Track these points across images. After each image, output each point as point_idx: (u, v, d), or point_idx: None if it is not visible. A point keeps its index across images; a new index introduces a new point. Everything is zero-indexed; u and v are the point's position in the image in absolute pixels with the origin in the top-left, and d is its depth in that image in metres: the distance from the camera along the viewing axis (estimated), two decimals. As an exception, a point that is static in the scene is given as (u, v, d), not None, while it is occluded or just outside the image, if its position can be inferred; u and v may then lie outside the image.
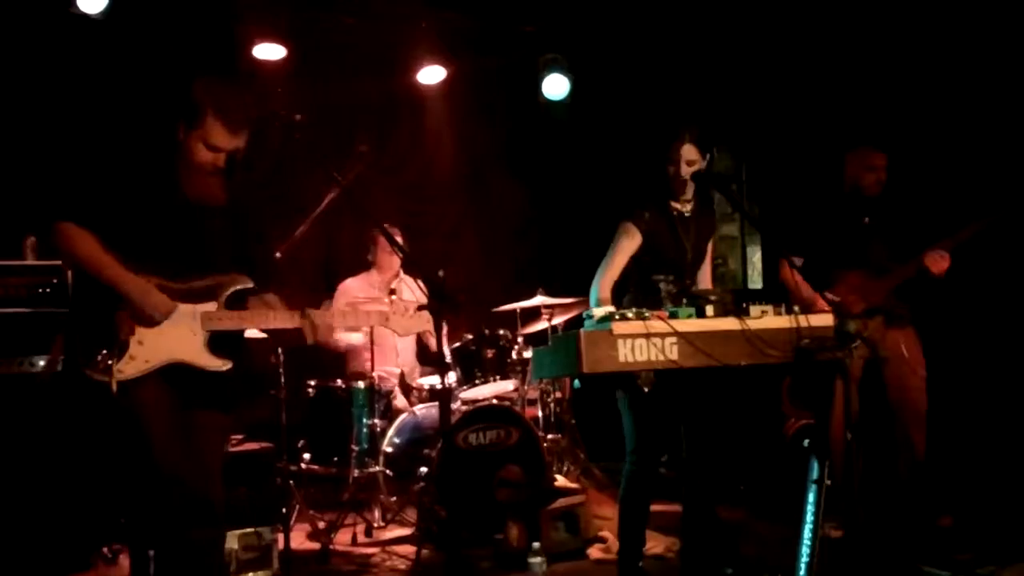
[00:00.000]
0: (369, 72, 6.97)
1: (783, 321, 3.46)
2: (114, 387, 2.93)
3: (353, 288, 5.86)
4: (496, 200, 7.70)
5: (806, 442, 5.24)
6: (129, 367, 2.97)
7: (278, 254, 3.96)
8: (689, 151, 3.96)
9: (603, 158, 7.29)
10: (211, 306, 3.09)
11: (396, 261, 5.83)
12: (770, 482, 5.89)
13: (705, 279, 4.23)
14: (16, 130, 5.60)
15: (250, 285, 3.15)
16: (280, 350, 5.05)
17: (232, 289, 3.13)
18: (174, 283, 3.07)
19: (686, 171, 3.95)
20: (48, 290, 4.54)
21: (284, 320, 3.16)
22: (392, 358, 5.92)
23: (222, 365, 3.08)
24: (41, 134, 5.66)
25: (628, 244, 3.99)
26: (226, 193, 3.17)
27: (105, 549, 4.65)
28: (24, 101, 5.61)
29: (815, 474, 3.48)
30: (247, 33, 6.09)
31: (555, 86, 7.06)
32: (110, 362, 2.93)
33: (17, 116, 5.60)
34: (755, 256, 7.54)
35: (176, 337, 3.03)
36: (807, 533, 3.44)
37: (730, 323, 3.42)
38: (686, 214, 4.09)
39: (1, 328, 4.45)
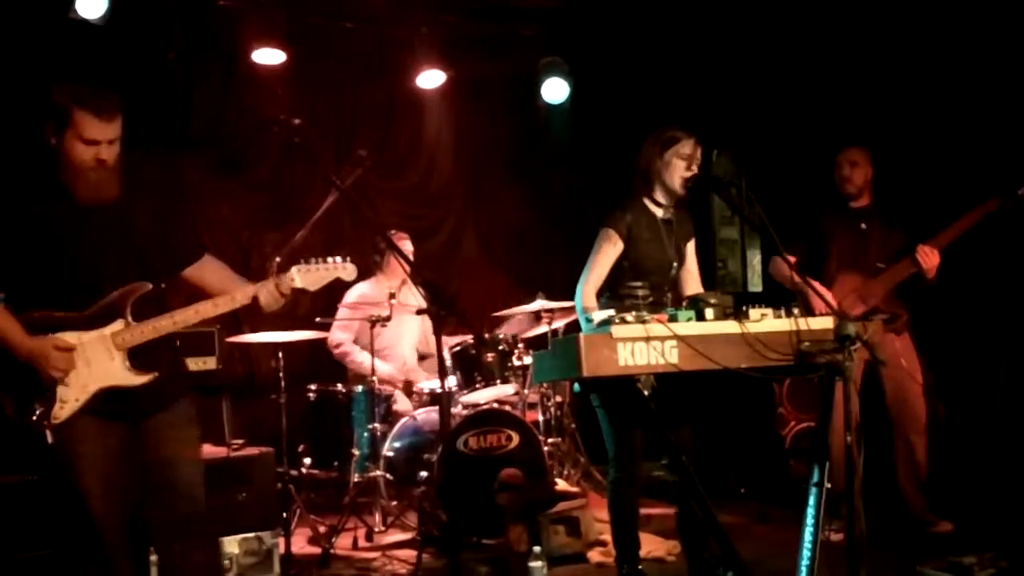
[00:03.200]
0: (369, 77, 6.98)
1: (783, 324, 3.47)
2: (50, 438, 2.95)
3: (369, 294, 5.84)
4: (496, 204, 7.70)
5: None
6: (63, 411, 2.98)
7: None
8: (698, 153, 3.96)
9: (603, 162, 7.29)
10: (118, 325, 3.06)
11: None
12: (770, 485, 5.90)
13: (693, 282, 4.21)
14: (11, 135, 5.59)
15: (148, 288, 3.10)
16: (280, 354, 5.05)
17: (132, 300, 3.08)
18: (77, 312, 3.04)
19: (690, 172, 3.95)
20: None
21: (190, 314, 3.10)
22: (399, 364, 5.94)
23: (147, 378, 3.07)
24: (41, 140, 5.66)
25: (610, 250, 3.99)
26: (121, 187, 3.10)
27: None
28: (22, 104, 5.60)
29: (815, 477, 3.49)
30: (247, 38, 6.09)
31: (555, 90, 7.07)
32: (39, 411, 2.95)
33: (15, 121, 5.60)
34: (755, 259, 7.54)
35: (96, 366, 3.02)
36: (808, 536, 3.45)
37: (730, 326, 3.42)
38: (667, 217, 4.08)
39: None
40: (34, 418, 2.95)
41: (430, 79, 6.89)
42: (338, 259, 3.29)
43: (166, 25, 5.90)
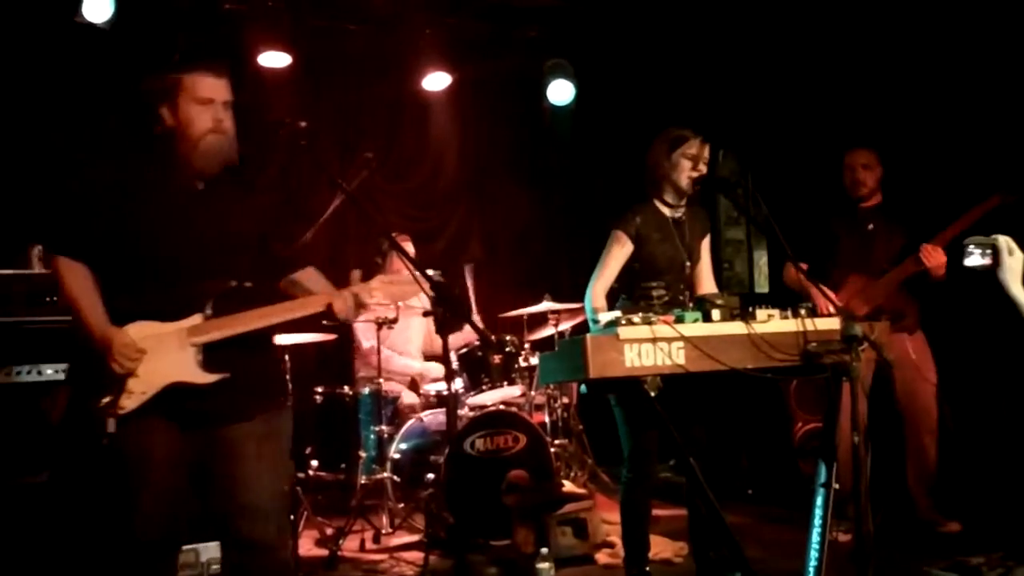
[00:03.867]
0: (373, 79, 6.99)
1: (789, 325, 3.46)
2: (112, 427, 2.85)
3: None
4: (501, 206, 7.70)
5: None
6: (129, 402, 2.87)
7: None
8: (705, 152, 3.96)
9: (608, 163, 7.30)
10: (196, 319, 2.95)
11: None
12: (778, 486, 5.89)
13: (707, 282, 4.21)
14: (20, 141, 5.62)
15: (232, 285, 3.00)
16: (287, 357, 5.06)
17: (215, 296, 2.97)
18: (159, 300, 2.95)
19: (697, 172, 3.95)
20: (54, 299, 4.55)
21: (264, 318, 2.99)
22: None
23: (217, 378, 2.93)
24: (39, 148, 5.69)
25: (619, 251, 3.99)
26: (237, 160, 3.03)
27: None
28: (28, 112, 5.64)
29: (822, 478, 3.48)
30: (252, 41, 6.10)
31: (560, 92, 7.08)
32: (106, 399, 2.86)
33: (21, 127, 5.63)
34: (761, 260, 7.53)
35: (168, 359, 2.92)
36: (815, 537, 3.44)
37: (737, 327, 3.42)
38: (678, 216, 4.08)
39: (9, 337, 4.46)
40: (99, 405, 2.85)
41: (435, 81, 6.90)
42: (428, 271, 3.14)
43: (171, 28, 5.91)
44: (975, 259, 2.87)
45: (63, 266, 2.94)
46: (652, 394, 3.38)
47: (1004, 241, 2.83)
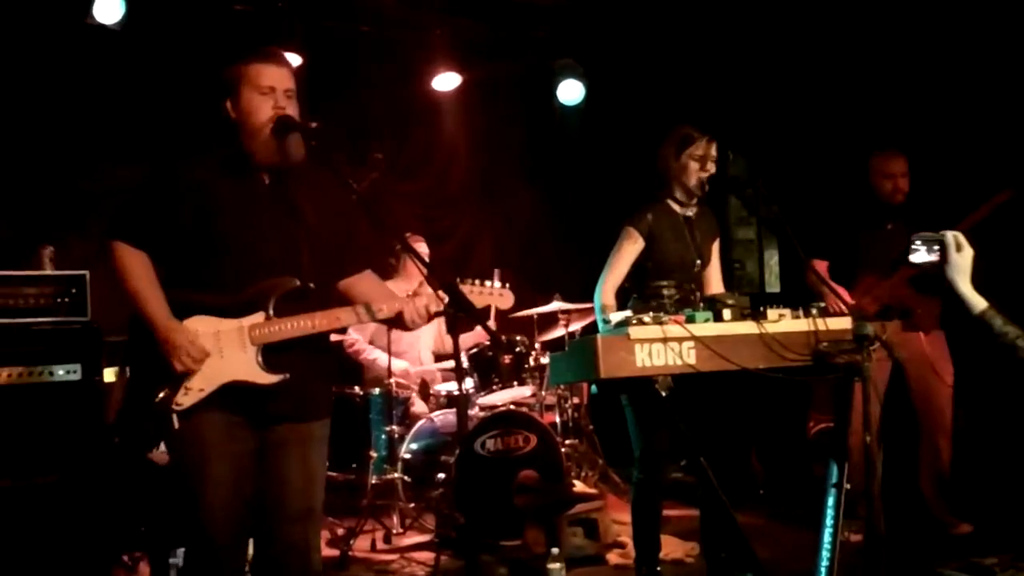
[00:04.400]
0: (383, 79, 6.99)
1: (801, 324, 3.46)
2: (175, 423, 2.82)
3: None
4: (512, 206, 7.70)
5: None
6: (187, 399, 2.84)
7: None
8: (712, 151, 3.96)
9: (618, 162, 7.29)
10: (258, 317, 2.90)
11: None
12: (790, 486, 5.87)
13: (715, 283, 4.21)
14: (30, 141, 5.65)
15: (295, 286, 2.93)
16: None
17: (278, 295, 2.92)
18: (222, 296, 2.90)
19: (706, 172, 3.95)
20: (67, 300, 4.56)
21: (331, 320, 2.94)
22: (415, 365, 5.96)
23: (277, 379, 2.89)
24: (59, 146, 5.71)
25: (630, 248, 3.99)
26: (303, 156, 2.96)
27: (125, 557, 4.68)
28: (40, 110, 5.66)
29: (834, 478, 3.47)
30: (263, 42, 6.10)
31: (570, 91, 7.07)
32: (164, 394, 2.82)
33: (33, 126, 5.65)
34: (772, 259, 7.52)
35: (228, 357, 2.87)
36: (826, 537, 3.43)
37: (748, 327, 3.42)
38: (690, 216, 4.08)
39: (21, 338, 4.47)
40: (157, 400, 2.83)
41: (445, 81, 6.90)
42: (496, 284, 3.10)
43: (181, 30, 5.93)
44: (921, 255, 2.81)
45: (123, 253, 2.90)
46: (663, 394, 3.37)
47: (952, 236, 2.77)
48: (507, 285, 3.12)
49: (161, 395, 2.83)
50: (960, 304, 2.73)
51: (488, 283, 3.08)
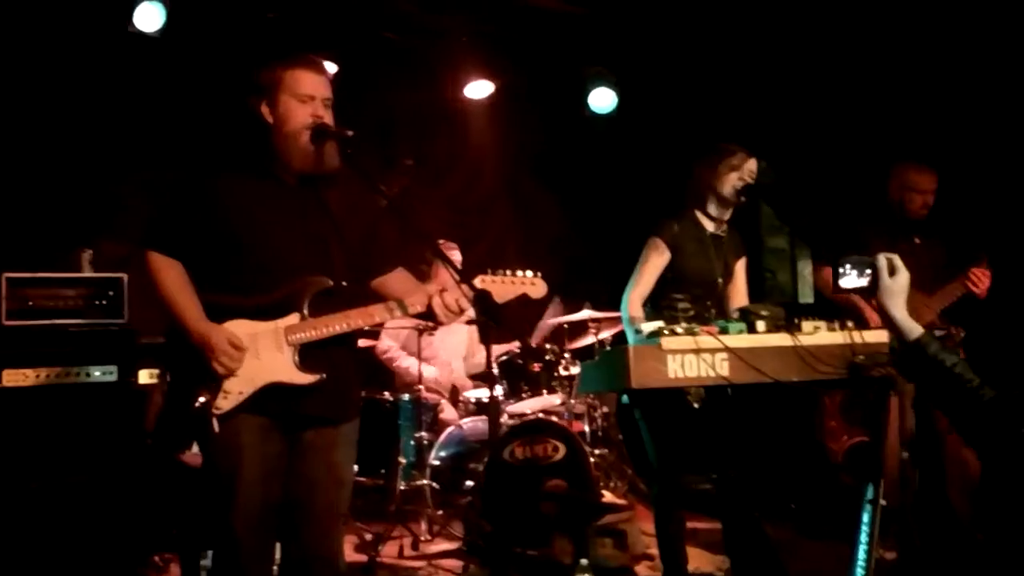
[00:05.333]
0: (413, 85, 7.01)
1: (837, 337, 3.43)
2: (216, 427, 2.83)
3: None
4: (541, 213, 7.70)
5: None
6: (226, 402, 2.85)
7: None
8: (751, 165, 3.95)
9: (649, 171, 7.27)
10: (293, 318, 2.91)
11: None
12: (820, 499, 5.82)
13: (739, 300, 4.18)
14: (71, 145, 5.72)
15: (328, 285, 2.94)
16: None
17: (311, 295, 2.93)
18: (255, 298, 2.91)
19: (742, 182, 3.93)
20: (104, 302, 4.61)
21: (365, 317, 2.94)
22: (446, 373, 5.97)
23: (314, 379, 2.91)
24: (98, 150, 5.78)
25: (657, 260, 3.98)
26: (336, 164, 2.97)
27: (156, 558, 4.71)
28: (80, 115, 5.73)
29: (869, 494, 3.43)
30: (297, 49, 6.15)
31: (601, 99, 7.06)
32: (204, 399, 2.83)
33: (74, 131, 5.72)
34: (805, 269, 7.46)
35: (265, 359, 2.88)
36: (861, 555, 3.39)
37: (782, 339, 3.39)
38: (718, 232, 4.06)
39: (59, 339, 4.53)
40: (197, 405, 2.84)
41: (477, 89, 6.91)
42: (528, 273, 3.08)
43: (218, 38, 5.98)
44: (851, 280, 2.67)
45: (158, 262, 2.94)
46: (696, 405, 3.36)
47: (884, 259, 2.58)
48: (539, 273, 3.11)
49: (201, 399, 2.84)
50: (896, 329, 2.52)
51: (520, 272, 3.07)
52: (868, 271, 2.59)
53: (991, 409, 2.33)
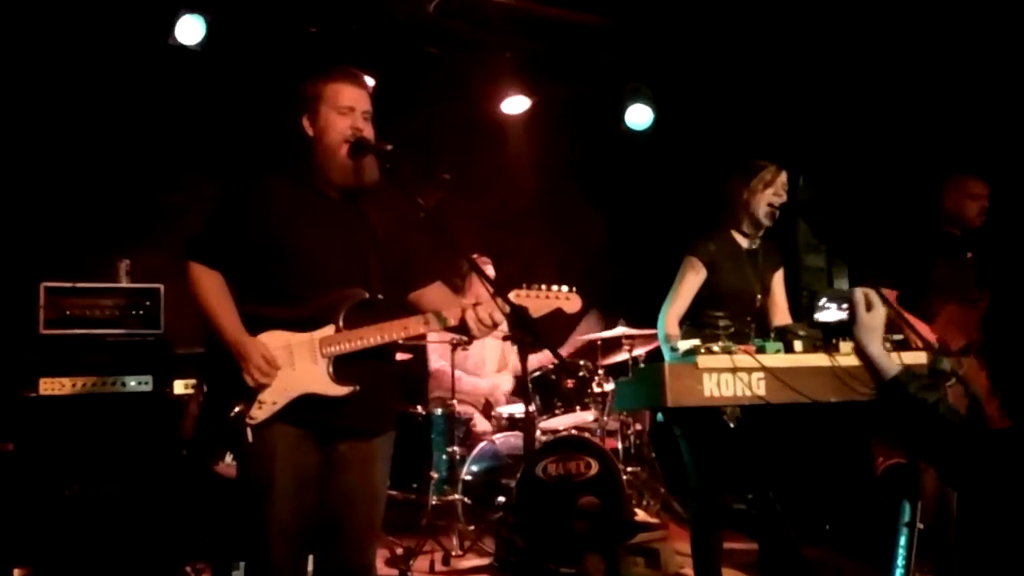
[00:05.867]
0: (452, 101, 7.04)
1: (875, 358, 3.37)
2: (250, 437, 2.84)
3: None
4: (576, 229, 7.69)
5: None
6: (260, 412, 2.87)
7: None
8: (783, 180, 3.92)
9: (685, 187, 7.24)
10: (328, 330, 2.92)
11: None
12: (856, 520, 5.74)
13: (781, 314, 4.15)
14: (110, 155, 5.79)
15: (364, 297, 2.94)
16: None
17: (347, 307, 2.94)
18: (292, 310, 2.93)
19: (777, 201, 3.91)
20: (141, 312, 4.66)
21: (400, 330, 2.93)
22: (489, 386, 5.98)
23: (348, 391, 2.91)
24: (137, 160, 5.85)
25: (693, 279, 3.96)
26: (376, 177, 2.99)
27: (188, 568, 4.74)
28: (121, 126, 5.80)
29: (906, 516, 3.38)
30: (337, 63, 6.20)
31: (638, 115, 7.04)
32: (239, 409, 2.85)
33: (113, 141, 5.79)
34: (842, 288, 7.38)
35: (300, 370, 2.90)
36: (898, 578, 3.33)
37: (819, 359, 3.36)
38: (753, 247, 4.03)
39: (95, 349, 4.58)
40: (232, 415, 2.86)
41: (514, 104, 6.92)
42: (563, 288, 3.07)
43: (258, 51, 6.04)
44: (829, 314, 2.59)
45: (198, 272, 2.97)
46: (731, 425, 3.33)
47: (861, 294, 2.50)
48: (574, 288, 3.09)
49: (236, 409, 2.86)
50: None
51: (555, 287, 3.06)
52: (846, 305, 2.53)
53: (974, 449, 2.23)
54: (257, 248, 2.95)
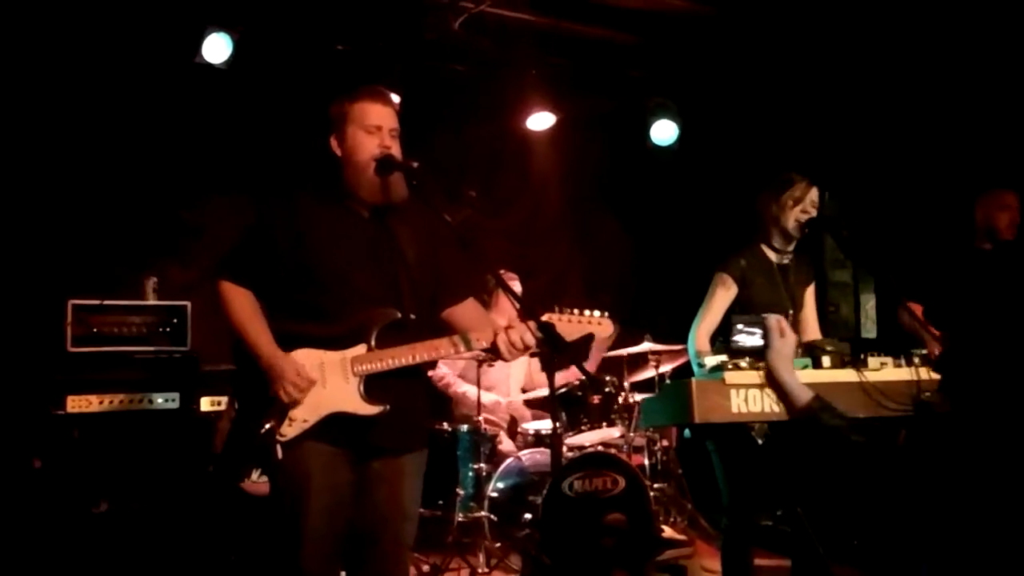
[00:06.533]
0: (477, 117, 7.05)
1: (903, 373, 3.37)
2: (279, 454, 2.85)
3: None
4: (602, 244, 7.68)
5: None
6: (290, 429, 2.88)
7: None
8: (813, 195, 3.90)
9: (711, 203, 7.22)
10: (360, 349, 2.94)
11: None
12: (885, 537, 5.68)
13: (812, 329, 4.12)
14: (138, 173, 5.84)
15: (396, 317, 2.95)
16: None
17: (380, 326, 2.95)
18: (325, 328, 2.94)
19: (805, 215, 3.89)
20: (168, 329, 4.69)
21: (431, 351, 2.94)
22: (504, 401, 5.95)
23: (379, 410, 2.92)
24: (165, 178, 5.90)
25: (724, 295, 3.95)
26: (406, 195, 3.01)
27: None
28: (147, 144, 5.85)
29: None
30: (363, 81, 6.24)
31: (663, 131, 7.04)
32: (269, 425, 2.86)
33: (140, 159, 5.85)
34: (869, 303, 7.32)
35: (331, 388, 2.91)
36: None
37: (848, 375, 3.34)
38: (784, 263, 4.01)
39: (122, 366, 4.60)
40: (262, 431, 2.87)
41: (540, 121, 6.93)
42: (596, 313, 3.07)
43: (284, 69, 6.09)
44: (743, 339, 2.59)
45: (229, 291, 2.99)
46: (759, 441, 3.31)
47: (775, 321, 2.53)
48: (606, 313, 3.08)
49: (267, 426, 2.87)
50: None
51: (587, 312, 3.05)
52: (759, 332, 2.58)
53: (889, 464, 2.32)
54: (290, 266, 2.97)
